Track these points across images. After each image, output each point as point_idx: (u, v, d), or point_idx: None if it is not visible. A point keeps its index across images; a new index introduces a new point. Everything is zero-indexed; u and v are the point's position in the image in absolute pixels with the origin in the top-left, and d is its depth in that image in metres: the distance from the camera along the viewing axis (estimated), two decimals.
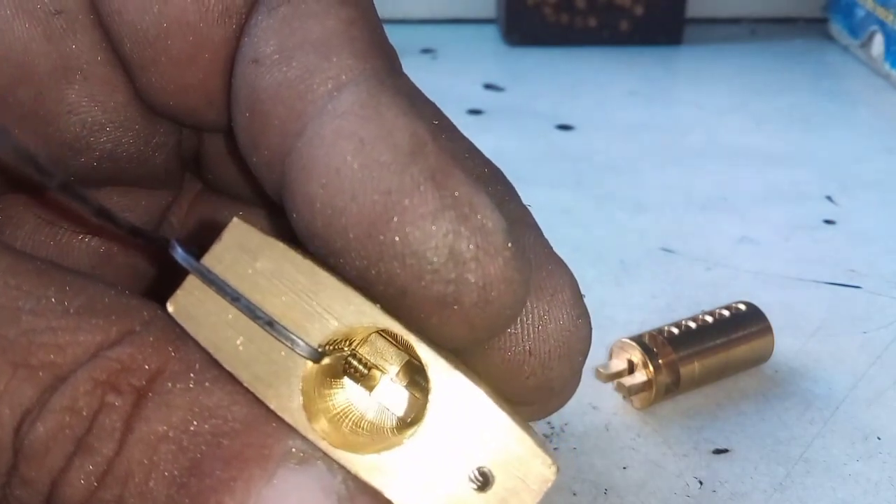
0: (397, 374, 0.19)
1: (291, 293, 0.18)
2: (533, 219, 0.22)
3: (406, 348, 0.19)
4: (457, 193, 0.18)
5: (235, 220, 0.18)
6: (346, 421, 0.19)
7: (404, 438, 0.18)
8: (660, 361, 0.30)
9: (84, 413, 0.17)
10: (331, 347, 0.18)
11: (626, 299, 0.37)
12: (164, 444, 0.17)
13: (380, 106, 0.19)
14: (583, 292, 0.38)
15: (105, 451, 0.17)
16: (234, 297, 0.18)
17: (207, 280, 0.18)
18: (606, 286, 0.38)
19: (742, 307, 0.32)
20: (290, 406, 0.17)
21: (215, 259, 0.18)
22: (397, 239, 0.18)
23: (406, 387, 0.19)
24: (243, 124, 0.20)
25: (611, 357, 0.31)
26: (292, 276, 0.18)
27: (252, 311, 0.18)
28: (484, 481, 0.18)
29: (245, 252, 0.18)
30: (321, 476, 0.17)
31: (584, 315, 0.22)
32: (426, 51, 0.66)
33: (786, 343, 0.33)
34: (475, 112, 0.56)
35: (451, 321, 0.19)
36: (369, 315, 0.18)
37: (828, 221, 0.44)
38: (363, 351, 0.19)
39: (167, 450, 0.17)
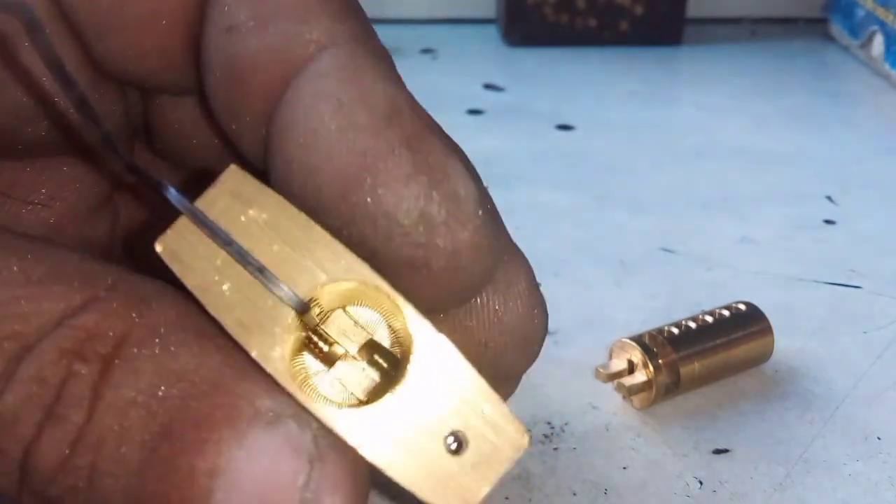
0: (358, 352, 0.19)
1: (283, 244, 0.18)
2: (494, 206, 0.22)
3: (385, 311, 0.19)
4: (430, 159, 0.19)
5: (233, 166, 0.18)
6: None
7: (384, 396, 0.18)
8: (660, 361, 0.30)
9: (51, 382, 0.17)
10: (315, 303, 0.18)
11: (626, 299, 0.37)
12: (134, 410, 0.17)
13: (359, 69, 0.19)
14: (583, 292, 0.38)
15: (75, 418, 0.17)
16: (227, 241, 0.18)
17: (200, 222, 0.18)
18: (606, 286, 0.38)
19: (742, 307, 0.32)
20: (271, 355, 0.17)
21: (209, 203, 0.18)
22: (369, 200, 0.18)
23: (366, 365, 0.19)
24: (220, 93, 0.20)
25: (611, 357, 0.31)
26: (285, 226, 0.18)
27: (243, 257, 0.18)
28: (458, 445, 0.18)
29: (239, 199, 0.18)
30: (291, 435, 0.17)
31: (539, 305, 0.23)
32: (426, 51, 0.66)
33: (786, 343, 0.33)
34: (475, 112, 0.56)
35: (419, 285, 0.19)
36: (358, 272, 0.18)
37: (828, 221, 0.44)
38: (327, 328, 0.19)
39: (137, 415, 0.17)
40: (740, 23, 0.74)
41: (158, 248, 0.18)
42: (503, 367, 0.22)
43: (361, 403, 0.18)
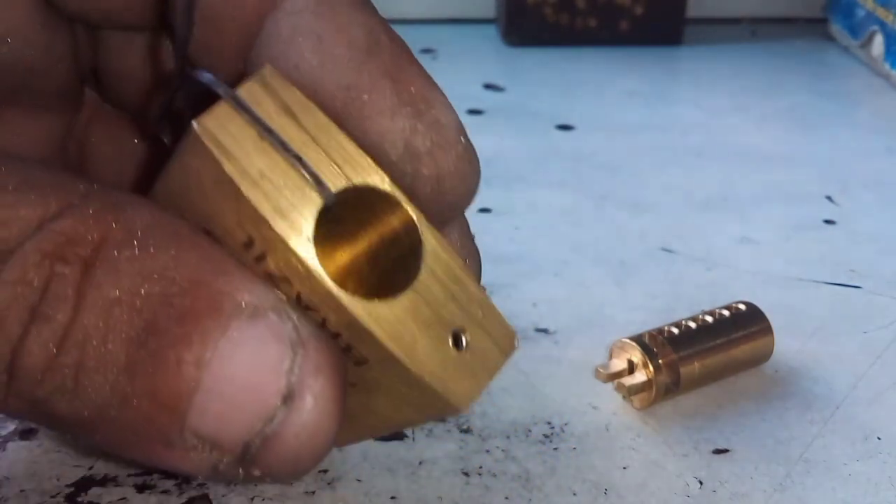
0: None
1: (313, 143, 0.19)
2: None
3: (393, 220, 0.20)
4: (412, 89, 0.20)
5: (268, 66, 0.19)
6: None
7: (398, 293, 0.19)
8: (660, 361, 0.30)
9: (35, 283, 0.17)
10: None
11: (626, 299, 0.37)
12: (118, 308, 0.18)
13: (334, 3, 0.20)
14: (583, 292, 0.38)
15: (60, 317, 0.17)
16: (267, 129, 0.18)
17: (242, 108, 0.18)
18: (606, 286, 0.38)
19: (742, 307, 0.32)
20: (302, 241, 0.18)
21: (247, 93, 0.19)
22: (356, 134, 0.19)
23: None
24: (194, 34, 0.21)
25: (611, 357, 0.31)
26: (314, 127, 0.19)
27: (284, 145, 0.18)
28: (457, 341, 0.19)
29: (274, 96, 0.19)
30: (273, 325, 0.18)
31: (472, 254, 0.24)
32: (426, 51, 0.66)
33: (786, 343, 0.33)
34: (475, 112, 0.56)
35: None
36: (375, 179, 0.19)
37: (828, 221, 0.44)
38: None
39: (121, 312, 0.18)
40: (740, 23, 0.74)
41: (196, 127, 0.18)
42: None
43: (377, 299, 0.19)
